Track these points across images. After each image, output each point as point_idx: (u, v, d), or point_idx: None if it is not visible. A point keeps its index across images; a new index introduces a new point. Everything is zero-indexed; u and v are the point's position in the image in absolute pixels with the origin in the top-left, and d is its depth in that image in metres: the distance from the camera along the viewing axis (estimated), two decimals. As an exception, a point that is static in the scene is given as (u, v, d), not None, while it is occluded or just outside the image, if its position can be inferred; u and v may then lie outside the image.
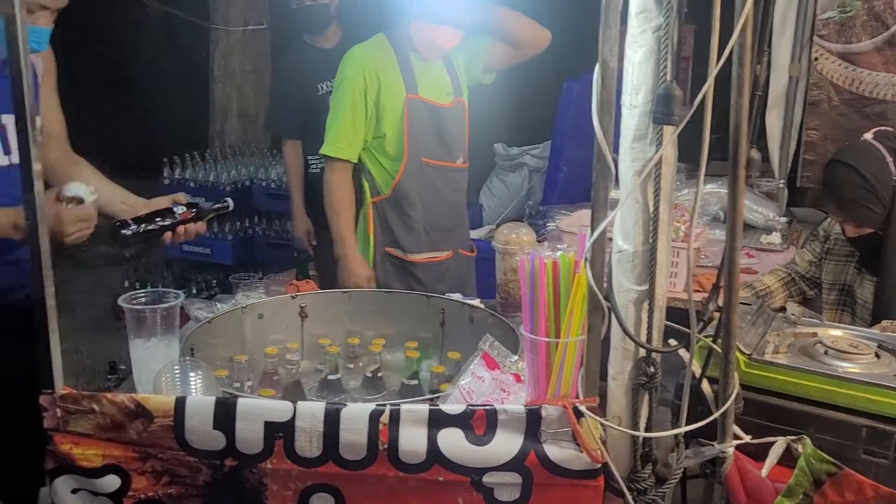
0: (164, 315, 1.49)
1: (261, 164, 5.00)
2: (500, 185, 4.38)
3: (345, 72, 2.56)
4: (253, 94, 6.33)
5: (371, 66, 2.53)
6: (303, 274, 3.99)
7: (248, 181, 4.88)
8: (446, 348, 1.93)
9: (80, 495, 1.33)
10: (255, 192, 4.85)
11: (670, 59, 1.16)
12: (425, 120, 2.57)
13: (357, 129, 2.55)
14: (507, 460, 1.27)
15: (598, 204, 1.19)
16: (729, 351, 1.28)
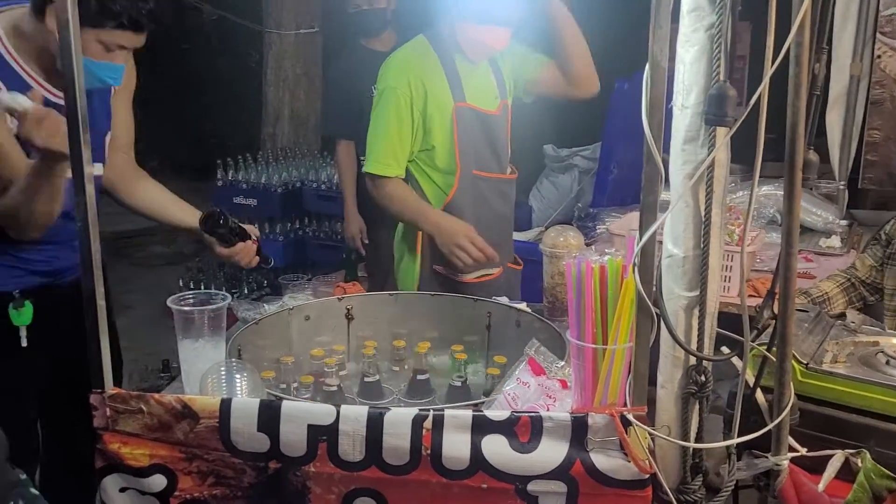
0: (212, 316, 1.50)
1: (311, 166, 5.05)
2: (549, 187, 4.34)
3: (386, 81, 2.38)
4: (305, 96, 6.41)
5: (415, 74, 2.35)
6: (351, 275, 4.02)
7: (298, 182, 4.93)
8: (492, 352, 1.91)
9: (127, 494, 1.35)
10: (305, 193, 4.89)
11: (723, 58, 1.13)
12: (475, 129, 2.40)
13: (404, 143, 2.37)
14: (553, 468, 1.25)
15: (646, 207, 1.15)
16: (784, 360, 1.23)
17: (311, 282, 3.09)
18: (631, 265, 1.19)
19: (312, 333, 1.94)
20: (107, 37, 1.79)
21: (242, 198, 4.86)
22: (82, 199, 1.24)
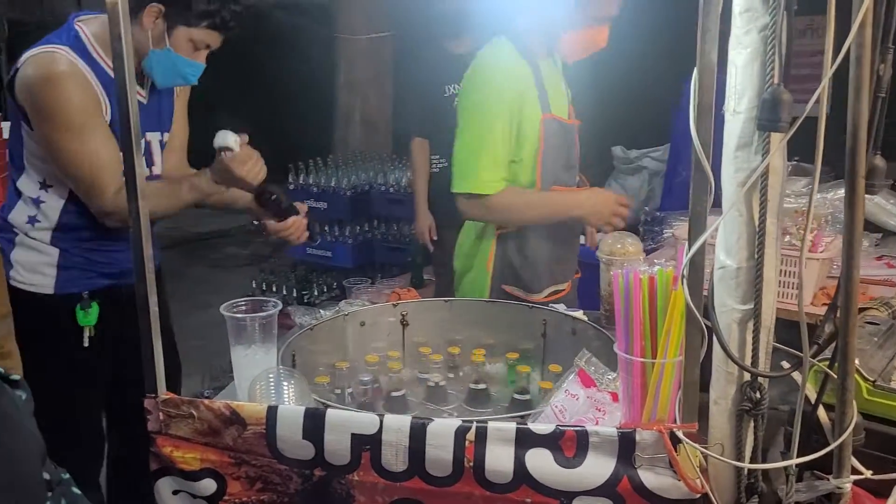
0: (263, 323, 1.52)
1: (380, 170, 5.09)
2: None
3: (485, 90, 2.18)
4: (375, 100, 6.48)
5: (510, 82, 2.17)
6: (417, 277, 4.04)
7: (367, 186, 4.98)
8: (548, 360, 1.88)
9: (180, 497, 1.38)
10: (373, 196, 4.94)
11: (777, 60, 1.08)
12: (558, 141, 2.24)
13: (506, 154, 2.18)
14: (599, 485, 1.21)
15: (695, 217, 1.11)
16: (846, 377, 1.16)
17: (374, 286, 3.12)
18: (680, 277, 1.15)
19: (368, 339, 1.94)
20: (198, 35, 1.93)
21: (312, 200, 4.95)
22: (135, 206, 1.27)
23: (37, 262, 2.03)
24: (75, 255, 2.04)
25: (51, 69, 1.85)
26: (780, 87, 1.07)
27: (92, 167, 1.90)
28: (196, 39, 1.94)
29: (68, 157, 1.90)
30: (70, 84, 1.86)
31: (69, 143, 1.88)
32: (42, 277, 2.03)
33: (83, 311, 2.00)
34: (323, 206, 4.92)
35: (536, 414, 1.40)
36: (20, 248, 2.04)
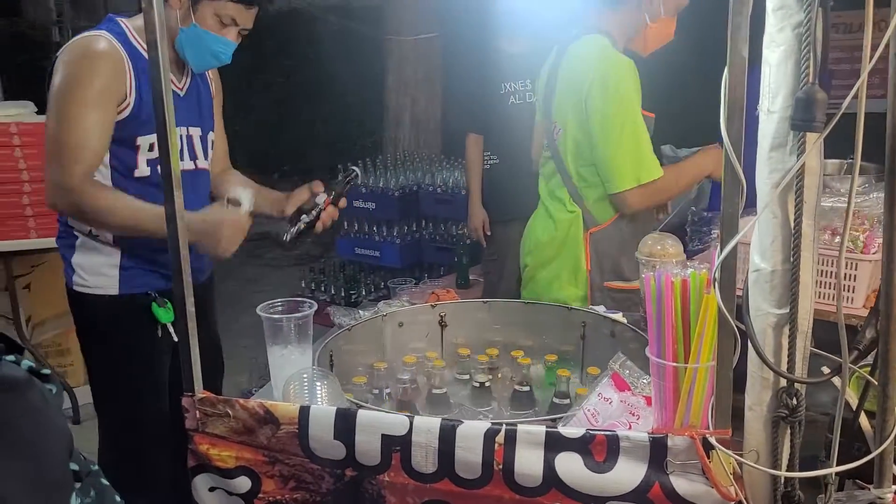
0: (299, 324, 1.54)
1: (428, 170, 5.11)
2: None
3: (628, 82, 2.20)
4: (425, 101, 6.51)
5: (633, 74, 2.20)
6: (463, 278, 4.04)
7: (415, 186, 5.00)
8: (587, 363, 1.86)
9: (216, 493, 1.41)
10: (422, 196, 4.96)
11: (812, 58, 1.05)
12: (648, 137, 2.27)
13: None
14: (629, 490, 1.20)
15: (727, 220, 1.09)
16: (887, 383, 1.13)
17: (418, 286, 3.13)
18: (712, 280, 1.12)
19: (406, 340, 1.95)
20: (222, 10, 1.91)
21: (361, 201, 5.00)
22: (171, 208, 1.29)
23: (99, 264, 2.03)
24: (137, 254, 2.03)
25: (81, 48, 1.88)
26: (815, 86, 1.04)
27: (76, 140, 1.85)
28: (221, 14, 1.92)
29: (58, 122, 1.86)
30: (99, 61, 1.86)
31: (69, 111, 1.85)
32: (105, 279, 2.03)
33: (161, 308, 2.00)
34: (371, 207, 4.96)
35: (568, 417, 1.39)
36: (81, 252, 2.03)
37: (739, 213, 1.09)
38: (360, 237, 5.08)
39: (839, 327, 1.13)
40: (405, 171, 5.16)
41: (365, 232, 5.06)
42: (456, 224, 4.80)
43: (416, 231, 5.04)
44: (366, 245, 5.06)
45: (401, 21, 6.37)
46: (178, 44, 1.95)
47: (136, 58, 1.92)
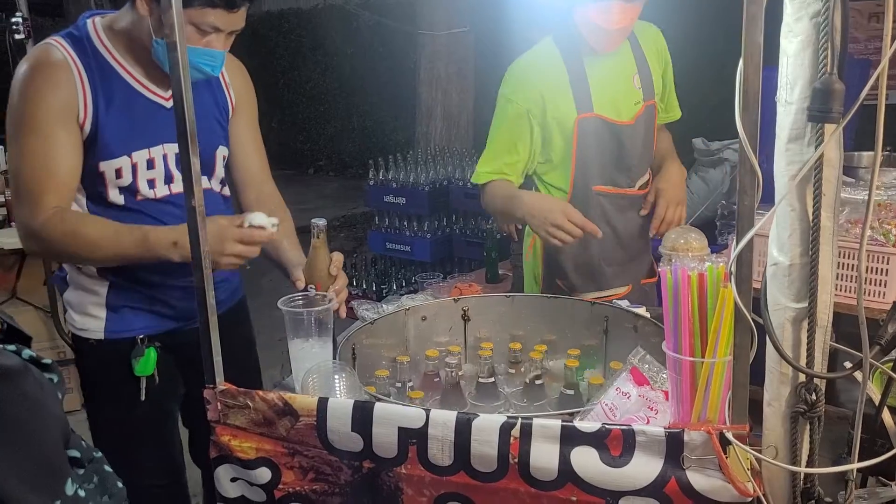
0: (319, 317, 1.55)
1: (459, 164, 5.10)
2: (698, 182, 4.13)
3: (503, 90, 2.23)
4: (457, 95, 6.51)
5: (534, 83, 2.18)
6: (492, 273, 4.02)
7: (446, 181, 5.00)
8: (610, 357, 1.86)
9: (238, 484, 1.43)
10: (452, 191, 4.96)
11: (830, 48, 1.03)
12: (602, 142, 2.20)
13: (513, 153, 2.22)
14: (646, 485, 1.19)
15: (743, 212, 1.08)
16: (908, 380, 1.11)
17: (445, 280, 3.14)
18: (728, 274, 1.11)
19: (429, 334, 1.96)
20: (199, 18, 1.63)
21: (392, 196, 5.00)
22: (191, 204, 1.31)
23: (86, 302, 1.84)
24: (126, 289, 1.82)
25: (31, 61, 1.68)
26: (833, 77, 1.02)
27: (34, 173, 1.65)
28: (199, 23, 1.63)
29: (14, 154, 1.67)
30: (45, 79, 1.65)
31: (21, 140, 1.66)
32: (92, 320, 1.85)
33: (135, 359, 1.82)
34: (402, 202, 4.97)
35: (586, 412, 1.38)
36: (71, 287, 1.87)
37: (756, 205, 1.08)
38: (391, 232, 5.09)
39: (860, 322, 1.11)
40: (436, 166, 5.15)
41: (396, 227, 5.07)
42: (486, 219, 4.79)
43: (447, 226, 5.03)
44: (397, 240, 5.07)
45: (433, 16, 6.38)
46: (154, 56, 1.70)
47: (97, 67, 1.70)
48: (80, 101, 1.67)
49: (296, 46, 10.85)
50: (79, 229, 1.68)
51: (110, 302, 1.83)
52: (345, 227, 8.08)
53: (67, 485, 1.04)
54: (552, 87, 2.18)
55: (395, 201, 5.01)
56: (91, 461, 1.12)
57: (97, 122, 1.70)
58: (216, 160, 1.91)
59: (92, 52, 1.72)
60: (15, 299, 3.83)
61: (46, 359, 1.07)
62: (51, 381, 1.06)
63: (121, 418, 1.90)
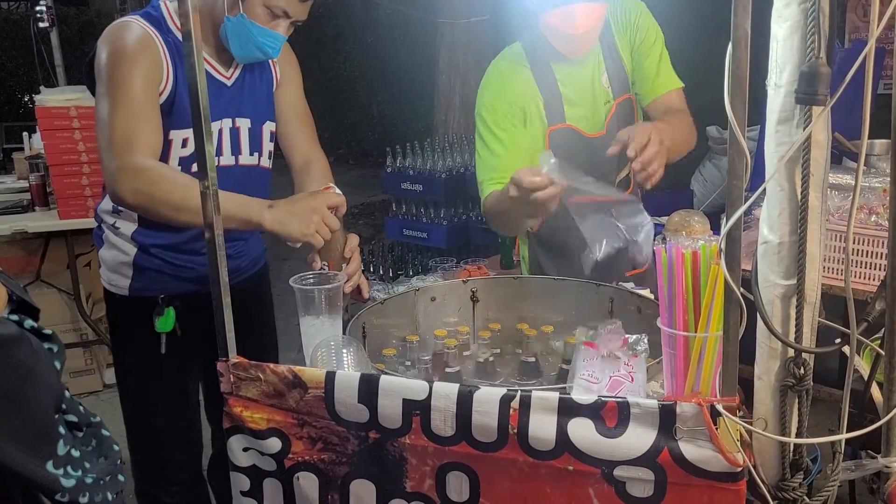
0: (329, 295, 1.61)
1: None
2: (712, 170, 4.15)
3: (482, 100, 2.17)
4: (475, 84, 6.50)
5: (509, 93, 2.12)
6: (507, 259, 4.08)
7: (462, 169, 5.04)
8: (615, 338, 1.90)
9: (249, 453, 1.49)
10: (468, 179, 4.99)
11: (819, 33, 1.06)
12: (574, 152, 2.07)
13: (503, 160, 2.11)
14: (639, 455, 1.23)
15: (732, 191, 1.11)
16: (893, 355, 1.14)
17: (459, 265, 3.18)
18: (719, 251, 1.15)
19: (439, 314, 2.01)
20: (272, 1, 1.79)
21: (409, 183, 5.06)
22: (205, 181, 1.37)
23: (117, 261, 2.00)
24: (153, 254, 1.97)
25: (117, 34, 1.82)
26: (820, 60, 1.06)
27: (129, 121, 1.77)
28: (272, 5, 1.79)
29: (106, 108, 1.78)
30: (131, 49, 1.79)
31: (115, 95, 1.78)
32: (120, 278, 2.00)
33: (156, 317, 1.94)
34: (419, 189, 5.02)
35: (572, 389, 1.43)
36: (106, 246, 2.02)
37: (745, 186, 1.12)
38: (408, 219, 5.14)
39: (847, 299, 1.15)
40: (453, 154, 5.19)
41: (413, 213, 5.13)
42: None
43: (463, 213, 5.08)
44: (413, 226, 5.13)
45: (453, 4, 6.41)
46: (222, 33, 1.85)
47: (174, 44, 1.85)
48: (163, 72, 1.82)
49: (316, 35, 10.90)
50: (178, 177, 1.79)
51: (137, 263, 1.98)
52: (364, 215, 8.15)
53: (59, 445, 1.13)
54: (525, 96, 2.12)
55: (412, 188, 5.06)
56: (89, 425, 1.20)
57: (176, 92, 1.84)
58: (262, 135, 2.04)
59: (171, 33, 1.86)
60: (39, 282, 3.93)
61: (47, 329, 1.15)
62: (50, 351, 1.13)
63: (143, 367, 2.05)
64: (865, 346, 1.23)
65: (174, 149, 1.88)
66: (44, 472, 1.10)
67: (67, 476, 1.13)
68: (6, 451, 1.05)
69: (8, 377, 1.04)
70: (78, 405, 1.21)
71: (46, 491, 1.12)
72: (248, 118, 2.01)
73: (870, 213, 2.07)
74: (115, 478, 1.25)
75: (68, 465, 1.14)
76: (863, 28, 4.38)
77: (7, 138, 8.26)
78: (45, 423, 1.11)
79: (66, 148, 3.58)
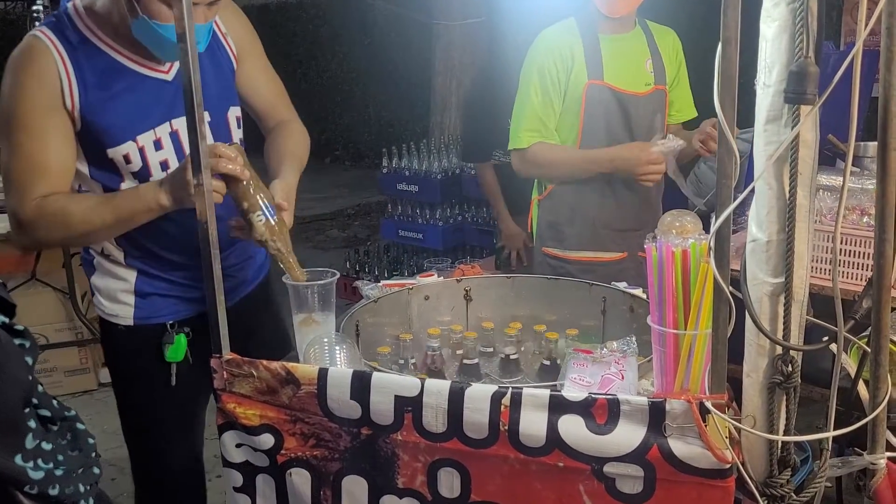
0: (322, 292, 1.61)
1: (471, 154, 5.15)
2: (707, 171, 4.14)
3: (534, 57, 2.42)
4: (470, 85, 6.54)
5: (559, 48, 2.37)
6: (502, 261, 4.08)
7: (458, 169, 5.05)
8: (607, 337, 1.90)
9: (242, 449, 1.50)
10: (464, 180, 5.01)
11: (808, 32, 1.07)
12: (609, 109, 2.38)
13: (548, 112, 2.40)
14: (629, 452, 1.24)
15: (722, 190, 1.12)
16: (879, 351, 1.15)
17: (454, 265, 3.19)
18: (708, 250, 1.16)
19: (432, 313, 2.02)
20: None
21: (405, 184, 5.07)
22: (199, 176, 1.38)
23: (114, 289, 1.82)
24: (154, 276, 1.80)
25: (14, 55, 1.63)
26: (809, 60, 1.07)
27: (23, 167, 1.61)
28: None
29: (4, 151, 1.63)
30: (26, 71, 1.60)
31: (10, 136, 1.62)
32: (122, 307, 1.82)
33: (166, 345, 1.79)
34: (414, 189, 5.03)
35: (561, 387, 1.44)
36: (98, 272, 1.83)
37: (734, 185, 1.13)
38: (404, 220, 5.15)
39: (834, 297, 1.16)
40: (449, 155, 5.20)
41: (408, 215, 5.13)
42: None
43: (459, 214, 5.09)
44: (409, 227, 5.13)
45: (449, 6, 6.41)
46: (135, 36, 1.62)
47: (82, 50, 1.62)
48: (64, 87, 1.60)
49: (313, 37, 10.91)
50: (65, 206, 1.63)
51: (139, 289, 1.81)
52: (359, 216, 8.16)
53: (28, 439, 1.14)
54: (573, 53, 2.37)
55: (407, 189, 5.07)
56: (64, 419, 1.22)
57: (90, 106, 1.62)
58: (229, 123, 1.82)
59: (75, 35, 1.63)
60: (34, 281, 3.93)
61: (19, 325, 1.16)
62: (21, 347, 1.14)
63: (148, 402, 1.89)
64: (853, 343, 1.24)
65: (122, 170, 1.69)
66: (11, 464, 1.12)
67: (37, 468, 1.15)
68: None
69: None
70: (52, 400, 1.22)
71: (15, 482, 1.14)
72: (206, 111, 1.64)
73: (862, 213, 2.08)
74: (89, 470, 1.26)
75: (38, 458, 1.15)
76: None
77: (3, 137, 8.24)
78: (12, 416, 1.12)
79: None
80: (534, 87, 2.40)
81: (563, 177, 2.45)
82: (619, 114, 2.40)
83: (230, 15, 1.86)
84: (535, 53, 2.44)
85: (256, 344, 1.66)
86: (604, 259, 2.45)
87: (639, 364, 1.46)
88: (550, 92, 2.39)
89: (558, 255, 2.50)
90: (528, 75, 2.43)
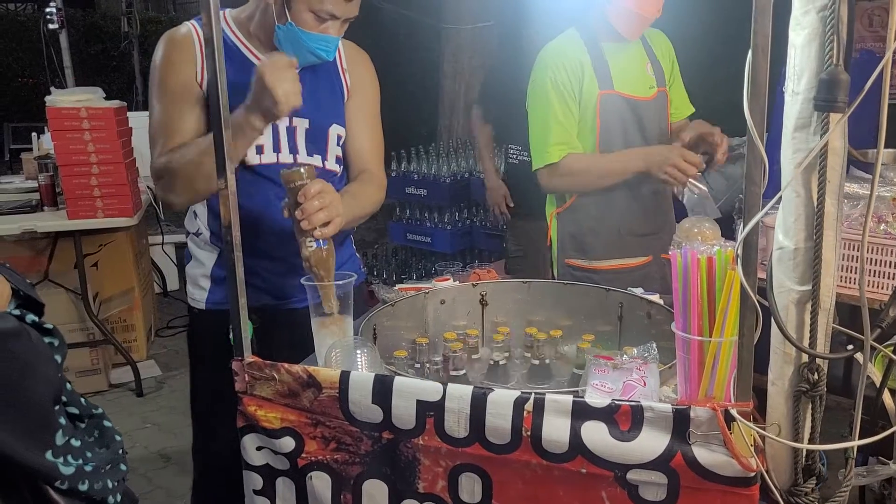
0: (340, 294, 1.62)
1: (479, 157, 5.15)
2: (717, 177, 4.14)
3: (544, 70, 2.43)
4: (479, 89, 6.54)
5: (570, 59, 2.40)
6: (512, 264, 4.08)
7: (467, 173, 5.05)
8: (624, 343, 1.91)
9: (263, 452, 1.50)
10: (473, 183, 5.02)
11: (837, 41, 1.07)
12: (624, 117, 2.43)
13: (570, 123, 2.42)
14: (652, 459, 1.24)
15: (750, 197, 1.12)
16: (907, 362, 1.15)
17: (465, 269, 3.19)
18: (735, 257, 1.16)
19: (448, 317, 2.02)
20: (317, 5, 1.76)
21: (413, 187, 5.08)
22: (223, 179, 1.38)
23: (195, 274, 2.01)
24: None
25: (169, 35, 1.89)
26: (839, 68, 1.07)
27: (161, 126, 1.85)
28: (317, 10, 1.77)
29: (150, 114, 1.89)
30: (179, 48, 1.86)
31: (155, 102, 1.88)
32: (198, 291, 2.01)
33: None
34: (423, 193, 5.04)
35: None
36: (190, 260, 2.04)
37: (762, 192, 1.12)
38: (412, 223, 5.16)
39: (861, 304, 1.15)
40: (457, 159, 5.21)
41: (417, 218, 5.15)
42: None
43: (467, 217, 5.10)
44: (417, 231, 5.15)
45: (459, 10, 6.43)
46: (276, 41, 1.85)
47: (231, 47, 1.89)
48: (198, 69, 1.85)
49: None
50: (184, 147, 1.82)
51: (214, 273, 1.98)
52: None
53: (58, 436, 1.16)
54: (581, 69, 2.41)
55: (416, 193, 5.08)
56: (91, 416, 1.23)
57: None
58: (328, 137, 2.00)
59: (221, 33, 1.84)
60: (47, 281, 3.94)
61: (49, 324, 1.17)
62: (50, 345, 1.15)
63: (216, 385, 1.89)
64: (878, 352, 1.23)
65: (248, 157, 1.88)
66: (42, 460, 1.13)
67: (67, 464, 1.16)
68: (4, 441, 1.08)
69: (5, 370, 1.07)
70: (79, 398, 1.23)
71: (46, 478, 1.15)
72: (306, 118, 1.95)
73: (879, 221, 2.08)
74: (117, 466, 1.27)
75: (68, 454, 1.17)
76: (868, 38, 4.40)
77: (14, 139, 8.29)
78: (43, 413, 1.13)
79: (75, 149, 3.59)
80: (552, 101, 2.41)
81: (593, 184, 2.45)
82: (632, 120, 2.45)
83: (358, 58, 2.11)
84: (544, 68, 2.44)
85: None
86: (630, 265, 2.48)
87: (660, 371, 1.46)
88: (569, 103, 2.41)
89: (583, 265, 2.50)
90: (543, 91, 2.43)
